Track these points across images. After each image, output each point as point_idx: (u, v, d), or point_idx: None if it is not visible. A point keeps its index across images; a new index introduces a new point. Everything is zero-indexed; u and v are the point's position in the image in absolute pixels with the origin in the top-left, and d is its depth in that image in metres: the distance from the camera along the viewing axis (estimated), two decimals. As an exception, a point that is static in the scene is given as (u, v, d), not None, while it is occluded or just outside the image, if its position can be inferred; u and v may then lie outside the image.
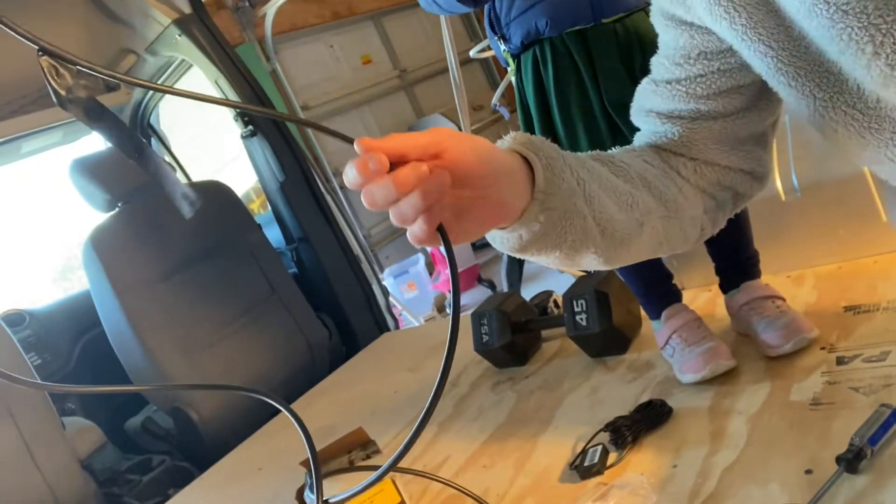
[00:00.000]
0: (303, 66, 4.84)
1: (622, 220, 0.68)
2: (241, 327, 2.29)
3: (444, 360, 0.47)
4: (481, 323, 1.53)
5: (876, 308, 1.08)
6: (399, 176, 0.49)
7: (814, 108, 0.60)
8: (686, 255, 1.49)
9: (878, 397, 0.87)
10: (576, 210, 0.63)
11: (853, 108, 0.58)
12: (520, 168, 0.60)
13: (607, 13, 1.13)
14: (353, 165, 0.49)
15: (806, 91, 0.60)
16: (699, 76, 0.72)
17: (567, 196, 0.62)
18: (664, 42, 0.75)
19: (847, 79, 0.57)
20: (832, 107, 0.59)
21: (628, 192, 0.69)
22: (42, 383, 0.47)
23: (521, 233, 0.62)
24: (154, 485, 2.10)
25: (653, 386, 1.17)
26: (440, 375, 0.46)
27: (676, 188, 0.75)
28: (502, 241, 0.63)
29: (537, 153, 0.61)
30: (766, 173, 0.81)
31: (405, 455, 0.45)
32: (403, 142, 0.51)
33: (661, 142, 0.78)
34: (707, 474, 0.88)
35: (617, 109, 1.14)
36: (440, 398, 0.47)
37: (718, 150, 0.77)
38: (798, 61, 0.59)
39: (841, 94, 0.58)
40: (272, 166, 2.48)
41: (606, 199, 0.67)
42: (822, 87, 0.59)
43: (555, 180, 0.61)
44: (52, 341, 2.56)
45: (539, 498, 0.99)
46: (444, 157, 0.53)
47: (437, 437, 1.34)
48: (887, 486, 0.73)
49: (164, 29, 2.38)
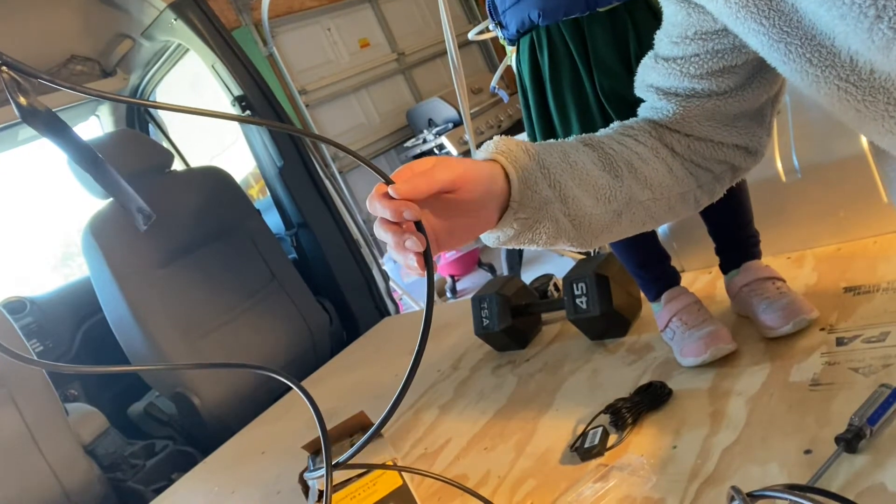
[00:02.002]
0: (300, 50, 4.80)
1: (598, 213, 0.75)
2: (242, 313, 2.30)
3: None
4: (481, 307, 1.54)
5: (876, 289, 1.09)
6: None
7: (808, 83, 0.60)
8: (686, 238, 1.49)
9: (877, 378, 0.87)
10: (547, 215, 0.71)
11: (846, 80, 0.58)
12: (500, 178, 0.68)
13: (601, 2, 1.11)
14: (386, 209, 0.60)
15: (798, 67, 0.60)
16: (694, 55, 0.73)
17: (539, 206, 0.70)
18: (666, 16, 0.75)
19: (839, 51, 0.57)
20: (824, 81, 0.59)
21: (607, 186, 0.75)
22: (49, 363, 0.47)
23: (499, 235, 0.72)
24: (158, 469, 2.12)
25: (653, 368, 1.18)
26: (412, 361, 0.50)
27: (666, 168, 0.78)
28: (485, 238, 0.73)
29: (514, 164, 0.69)
30: (760, 148, 0.83)
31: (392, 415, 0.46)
32: (429, 187, 0.61)
33: (658, 117, 0.80)
34: (707, 455, 0.89)
35: (610, 99, 1.14)
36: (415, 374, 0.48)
37: (712, 127, 0.79)
38: (788, 37, 0.59)
39: (833, 67, 0.58)
40: (271, 152, 2.47)
41: (583, 196, 0.73)
42: (814, 61, 0.59)
43: (528, 192, 0.69)
44: (54, 328, 2.57)
45: (540, 480, 1.00)
46: (459, 193, 0.64)
47: (438, 421, 1.35)
48: (886, 465, 0.73)
49: (159, 13, 2.36)
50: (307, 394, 0.57)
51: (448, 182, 0.62)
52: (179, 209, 2.28)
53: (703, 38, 0.71)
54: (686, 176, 0.80)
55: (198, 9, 2.34)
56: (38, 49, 2.44)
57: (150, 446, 2.22)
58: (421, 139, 4.69)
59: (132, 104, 2.99)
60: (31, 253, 4.10)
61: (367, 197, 0.62)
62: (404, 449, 1.29)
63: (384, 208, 0.60)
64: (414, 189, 0.60)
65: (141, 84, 2.83)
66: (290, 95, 4.58)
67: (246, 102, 2.40)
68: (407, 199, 0.60)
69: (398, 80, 5.42)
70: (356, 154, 0.60)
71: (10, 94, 0.44)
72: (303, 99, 4.65)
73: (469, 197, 0.65)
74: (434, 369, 1.61)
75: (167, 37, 2.48)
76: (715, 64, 0.73)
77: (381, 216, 0.61)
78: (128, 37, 2.58)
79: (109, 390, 2.62)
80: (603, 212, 0.75)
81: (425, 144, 4.64)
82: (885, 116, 0.58)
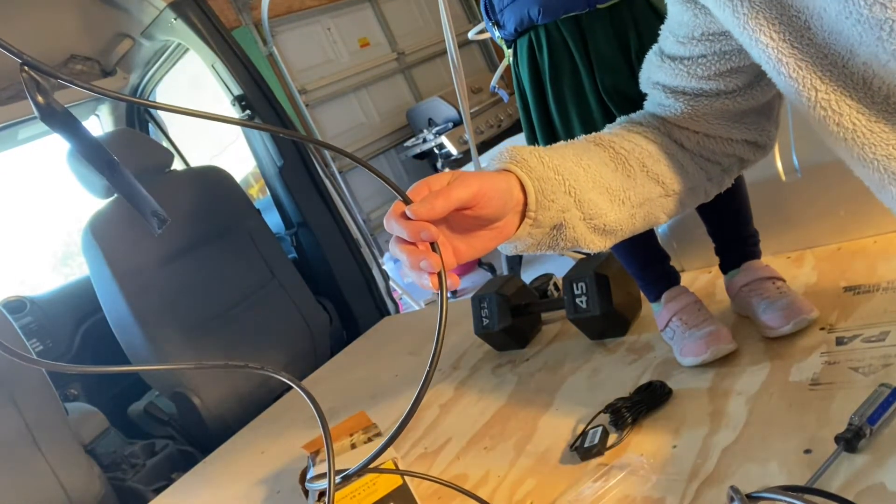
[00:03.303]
0: (300, 50, 4.80)
1: (614, 215, 0.74)
2: (242, 312, 2.30)
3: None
4: (481, 306, 1.54)
5: (875, 288, 1.09)
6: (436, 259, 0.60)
7: (815, 101, 0.59)
8: (686, 238, 1.49)
9: (877, 377, 0.87)
10: (565, 222, 0.70)
11: (858, 102, 0.57)
12: (516, 189, 0.67)
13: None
14: (403, 229, 0.59)
15: (807, 83, 0.59)
16: (701, 56, 0.73)
17: (556, 214, 0.69)
18: (671, 14, 0.75)
19: (853, 72, 0.56)
20: (835, 100, 0.58)
21: (621, 187, 0.74)
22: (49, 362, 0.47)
23: (517, 244, 0.71)
24: (158, 469, 2.12)
25: (653, 367, 1.18)
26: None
27: (676, 164, 0.78)
28: (502, 248, 0.72)
29: (530, 174, 0.68)
30: (769, 142, 0.83)
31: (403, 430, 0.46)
32: (446, 206, 0.60)
33: (667, 114, 0.80)
34: (707, 454, 0.89)
35: (612, 95, 1.13)
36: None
37: (721, 124, 0.78)
38: (800, 53, 0.58)
39: (845, 87, 0.57)
40: (270, 151, 2.47)
41: (599, 199, 0.73)
42: (825, 80, 0.57)
43: (545, 202, 0.68)
44: (54, 328, 2.57)
45: (540, 479, 1.00)
46: (476, 209, 0.63)
47: (438, 420, 1.35)
48: (886, 464, 0.73)
49: (159, 13, 2.36)
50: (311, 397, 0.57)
51: (465, 200, 0.62)
52: (179, 209, 2.28)
53: (709, 39, 0.71)
54: (696, 171, 0.80)
55: (198, 8, 2.34)
56: (38, 48, 2.44)
57: (150, 446, 2.22)
58: (421, 139, 4.69)
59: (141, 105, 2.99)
60: (31, 253, 4.09)
61: (384, 216, 0.61)
62: (404, 448, 1.29)
63: (402, 228, 0.60)
64: (431, 210, 0.60)
65: (141, 83, 2.83)
66: (290, 95, 4.58)
67: (246, 102, 2.40)
68: (424, 220, 0.59)
69: (398, 80, 5.42)
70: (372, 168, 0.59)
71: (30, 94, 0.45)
72: (303, 98, 4.66)
73: (486, 212, 0.64)
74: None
75: (167, 36, 2.48)
76: (722, 65, 0.72)
77: (397, 234, 0.61)
78: (128, 36, 2.58)
79: (109, 390, 2.62)
80: (618, 213, 0.74)
81: (425, 144, 4.64)
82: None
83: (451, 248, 0.65)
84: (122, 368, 0.56)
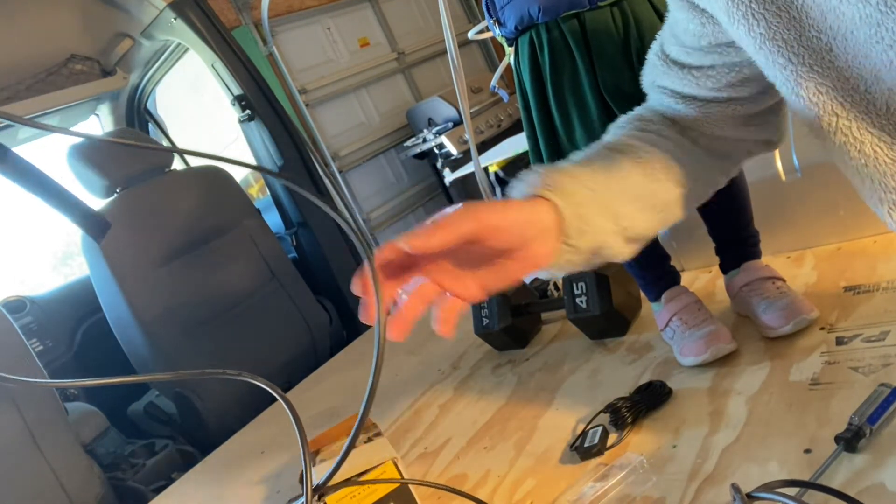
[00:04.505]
0: (300, 50, 4.79)
1: (644, 224, 0.71)
2: (242, 312, 2.30)
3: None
4: (481, 306, 1.54)
5: (875, 288, 1.09)
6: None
7: (836, 127, 0.57)
8: (686, 238, 1.49)
9: (877, 377, 0.87)
10: (604, 244, 0.67)
11: (880, 129, 0.54)
12: (545, 216, 0.63)
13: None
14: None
15: (828, 108, 0.56)
16: (709, 67, 0.71)
17: (593, 235, 0.65)
18: (675, 19, 0.72)
19: (876, 98, 0.53)
20: (857, 127, 0.55)
21: (649, 195, 0.72)
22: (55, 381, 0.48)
23: (552, 271, 0.67)
24: (158, 468, 2.12)
25: (652, 367, 1.18)
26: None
27: (694, 164, 0.76)
28: (538, 274, 0.69)
29: (568, 200, 0.64)
30: (779, 139, 0.82)
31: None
32: (442, 241, 0.57)
33: (676, 117, 0.78)
34: (706, 454, 0.89)
35: (613, 96, 1.13)
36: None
37: (732, 127, 0.77)
38: (819, 77, 0.55)
39: (867, 113, 0.54)
40: (270, 151, 2.47)
41: (633, 211, 0.70)
42: (846, 105, 0.55)
43: (583, 227, 0.64)
44: (54, 327, 2.58)
45: (539, 479, 1.00)
46: (484, 241, 0.59)
47: (438, 420, 1.35)
48: (886, 464, 0.73)
49: (159, 12, 2.37)
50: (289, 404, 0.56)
51: (468, 234, 0.58)
52: (179, 208, 2.28)
53: (717, 51, 0.68)
54: (711, 166, 0.79)
55: (197, 8, 2.34)
56: (38, 48, 2.44)
57: (150, 446, 2.22)
58: (421, 138, 4.69)
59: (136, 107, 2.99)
60: (31, 253, 4.09)
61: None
62: (404, 448, 1.29)
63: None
64: (426, 242, 0.57)
65: (141, 83, 2.83)
66: (290, 95, 4.58)
67: (246, 102, 2.41)
68: (420, 251, 0.57)
69: (398, 80, 5.42)
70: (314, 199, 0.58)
71: None
72: (302, 98, 4.65)
73: (499, 245, 0.60)
74: (434, 369, 1.61)
75: (167, 36, 2.48)
76: (733, 77, 0.70)
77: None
78: (127, 36, 2.58)
79: (109, 390, 2.62)
80: (648, 220, 0.72)
81: (425, 144, 4.64)
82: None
83: (474, 283, 0.62)
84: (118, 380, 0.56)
